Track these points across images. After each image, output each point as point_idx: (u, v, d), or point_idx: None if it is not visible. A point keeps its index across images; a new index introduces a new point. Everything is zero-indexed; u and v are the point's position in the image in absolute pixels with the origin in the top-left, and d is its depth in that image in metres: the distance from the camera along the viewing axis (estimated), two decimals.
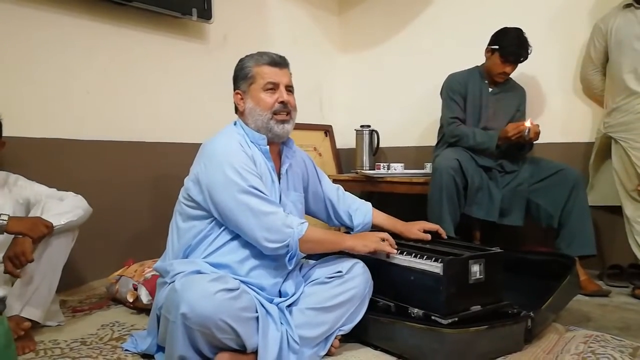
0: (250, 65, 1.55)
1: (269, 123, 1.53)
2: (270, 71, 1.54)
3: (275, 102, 1.53)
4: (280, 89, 1.54)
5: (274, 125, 1.53)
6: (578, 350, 1.52)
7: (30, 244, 1.49)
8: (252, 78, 1.54)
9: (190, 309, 1.22)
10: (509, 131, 2.28)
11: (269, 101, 1.52)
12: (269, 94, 1.53)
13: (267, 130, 1.53)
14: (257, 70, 1.54)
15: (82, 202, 1.74)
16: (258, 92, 1.53)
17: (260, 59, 1.55)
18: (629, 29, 2.25)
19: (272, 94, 1.53)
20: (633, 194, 2.22)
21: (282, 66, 1.56)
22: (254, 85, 1.54)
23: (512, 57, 2.33)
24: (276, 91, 1.54)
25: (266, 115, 1.52)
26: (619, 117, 2.29)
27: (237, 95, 1.59)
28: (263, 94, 1.53)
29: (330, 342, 1.48)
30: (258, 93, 1.53)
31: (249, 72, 1.55)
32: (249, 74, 1.55)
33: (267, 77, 1.53)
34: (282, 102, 1.53)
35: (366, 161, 3.22)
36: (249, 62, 1.56)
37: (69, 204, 1.69)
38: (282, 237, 1.40)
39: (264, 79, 1.53)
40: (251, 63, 1.55)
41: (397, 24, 3.36)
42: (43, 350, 1.55)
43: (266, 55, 1.56)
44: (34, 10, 2.12)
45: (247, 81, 1.55)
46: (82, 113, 2.28)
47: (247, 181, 1.41)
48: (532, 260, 1.95)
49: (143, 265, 2.04)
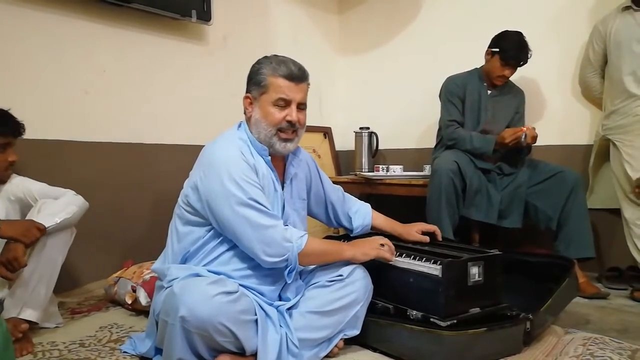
0: (265, 73, 1.47)
1: (272, 139, 1.48)
2: (285, 85, 1.46)
3: (282, 119, 1.47)
4: (291, 106, 1.47)
5: (276, 142, 1.49)
6: (577, 352, 1.52)
7: (22, 249, 1.49)
8: (265, 87, 1.47)
9: (189, 312, 1.22)
10: (506, 137, 2.29)
11: (277, 117, 1.47)
12: (278, 110, 1.47)
13: (268, 145, 1.50)
14: (271, 81, 1.46)
15: (75, 199, 1.72)
16: (267, 105, 1.47)
17: (278, 68, 1.46)
18: (628, 31, 2.25)
19: (281, 109, 1.47)
20: (631, 196, 2.22)
21: (299, 81, 1.48)
22: (265, 95, 1.47)
23: (512, 60, 2.34)
24: (286, 108, 1.47)
25: (270, 130, 1.48)
26: (618, 120, 2.29)
27: (247, 100, 1.53)
28: (272, 108, 1.47)
29: (333, 344, 1.48)
30: (267, 105, 1.47)
31: (263, 79, 1.47)
32: (262, 82, 1.47)
33: (280, 91, 1.46)
34: (289, 122, 1.48)
35: (365, 163, 3.22)
36: (266, 68, 1.48)
37: (62, 202, 1.67)
38: (281, 251, 1.39)
39: (276, 93, 1.46)
40: (268, 70, 1.47)
41: (396, 26, 3.36)
42: (41, 352, 1.55)
43: (285, 65, 1.47)
44: (33, 12, 2.12)
45: (260, 89, 1.48)
46: (81, 114, 2.28)
47: (246, 193, 1.38)
48: (531, 262, 1.95)
49: (142, 267, 2.03)
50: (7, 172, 1.72)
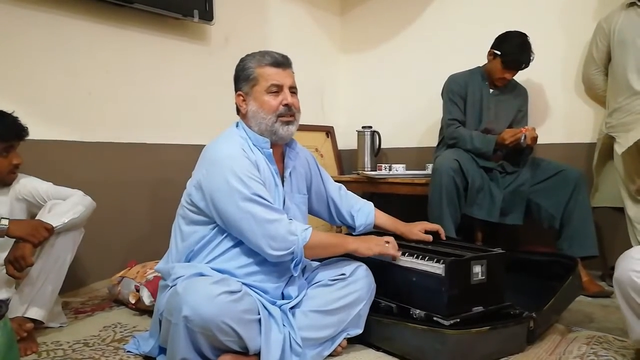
0: (252, 66, 1.51)
1: (273, 126, 1.49)
2: (274, 72, 1.50)
3: (279, 104, 1.49)
4: (284, 90, 1.50)
5: (279, 127, 1.50)
6: (580, 351, 1.52)
7: (30, 248, 1.51)
8: (254, 79, 1.50)
9: (193, 312, 1.22)
10: (506, 138, 2.29)
11: (274, 104, 1.49)
12: (273, 97, 1.49)
13: (271, 133, 1.51)
14: (259, 72, 1.50)
15: (83, 199, 1.74)
16: (261, 95, 1.50)
17: (263, 59, 1.50)
18: (632, 28, 2.24)
19: (275, 96, 1.49)
20: (635, 194, 2.21)
21: (285, 66, 1.52)
22: (257, 87, 1.50)
23: (513, 64, 2.33)
24: (280, 93, 1.50)
25: (270, 118, 1.49)
26: (621, 117, 2.28)
27: (239, 97, 1.55)
28: (267, 97, 1.49)
29: (336, 343, 1.48)
30: (261, 95, 1.50)
31: (251, 73, 1.50)
32: (251, 75, 1.50)
33: (271, 79, 1.49)
34: (286, 105, 1.50)
35: (367, 162, 3.22)
36: (251, 62, 1.52)
37: (70, 202, 1.70)
38: (286, 244, 1.39)
39: (267, 81, 1.49)
40: (253, 64, 1.51)
41: (398, 25, 3.36)
42: (45, 351, 1.56)
43: (268, 55, 1.51)
44: (35, 12, 2.12)
45: (250, 83, 1.51)
46: (84, 115, 2.29)
47: (250, 189, 1.39)
48: (534, 261, 1.95)
49: (145, 267, 2.04)
50: (12, 175, 1.73)
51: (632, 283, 1.28)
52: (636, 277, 1.28)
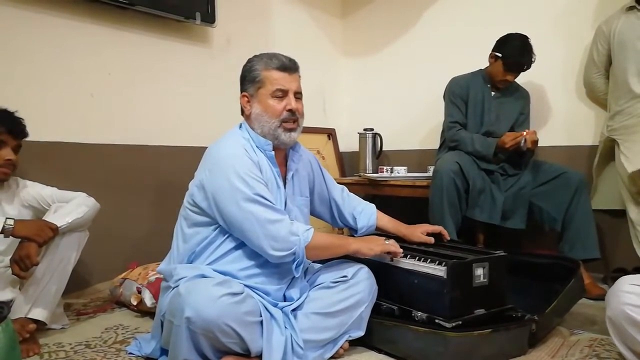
0: (259, 68, 1.50)
1: (276, 131, 1.50)
2: (280, 77, 1.49)
3: (283, 109, 1.49)
4: (289, 95, 1.50)
5: (281, 134, 1.50)
6: (583, 354, 1.52)
7: (35, 248, 1.52)
8: (260, 82, 1.50)
9: (195, 313, 1.22)
10: (507, 142, 2.29)
11: (278, 108, 1.49)
12: (277, 101, 1.49)
13: (273, 137, 1.51)
14: (266, 75, 1.50)
15: (87, 200, 1.75)
16: (266, 98, 1.49)
17: (270, 62, 1.50)
18: (632, 31, 2.24)
19: (280, 100, 1.49)
20: (637, 197, 2.21)
21: (292, 71, 1.52)
22: (262, 90, 1.50)
23: (515, 67, 2.34)
24: (285, 98, 1.50)
25: (274, 122, 1.49)
26: (622, 120, 2.29)
27: (244, 98, 1.55)
28: (271, 100, 1.49)
29: (338, 346, 1.48)
30: (266, 99, 1.49)
31: (257, 75, 1.50)
32: (257, 78, 1.50)
33: (277, 83, 1.49)
34: (290, 110, 1.50)
35: (369, 164, 3.22)
36: (258, 64, 1.51)
37: (74, 203, 1.71)
38: (288, 245, 1.40)
39: (272, 85, 1.49)
40: (260, 66, 1.51)
41: (400, 27, 3.36)
42: (47, 353, 1.56)
43: (276, 58, 1.51)
44: (38, 15, 2.13)
45: (255, 85, 1.51)
46: (86, 117, 2.29)
47: (252, 189, 1.39)
48: (536, 263, 1.95)
49: (147, 268, 2.04)
50: (4, 170, 1.67)
51: (627, 318, 1.23)
52: (630, 311, 1.23)
